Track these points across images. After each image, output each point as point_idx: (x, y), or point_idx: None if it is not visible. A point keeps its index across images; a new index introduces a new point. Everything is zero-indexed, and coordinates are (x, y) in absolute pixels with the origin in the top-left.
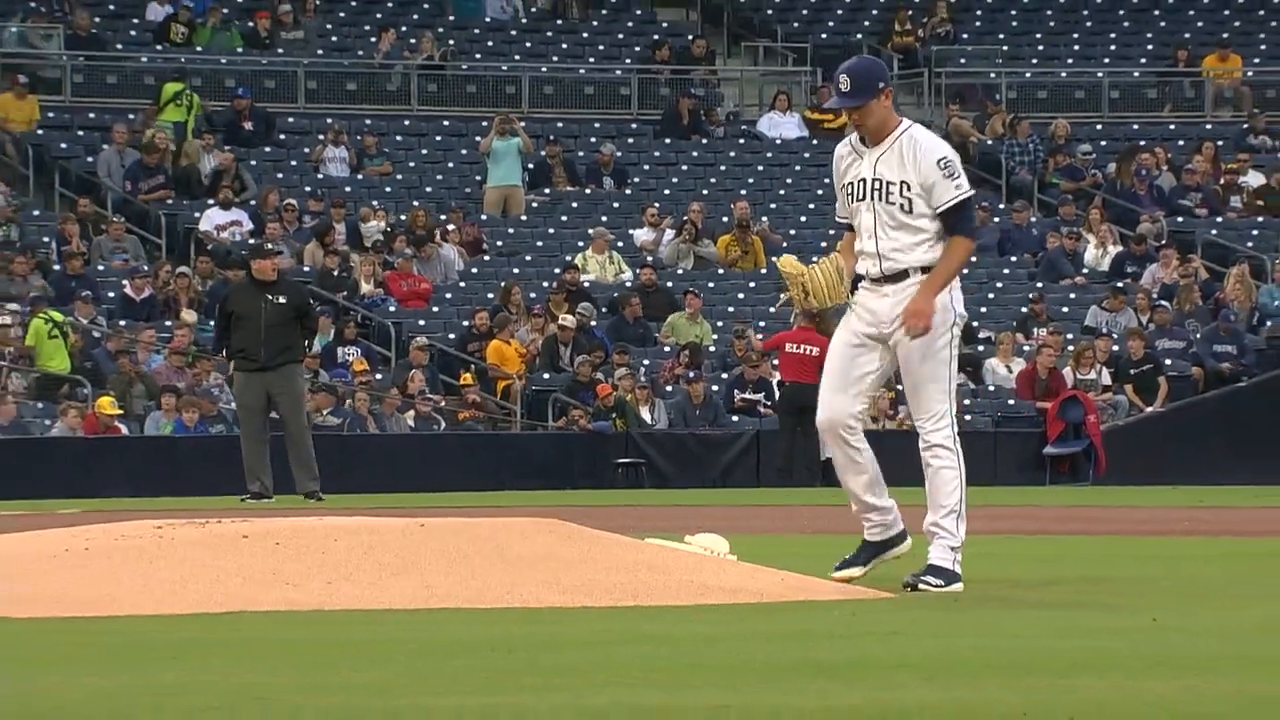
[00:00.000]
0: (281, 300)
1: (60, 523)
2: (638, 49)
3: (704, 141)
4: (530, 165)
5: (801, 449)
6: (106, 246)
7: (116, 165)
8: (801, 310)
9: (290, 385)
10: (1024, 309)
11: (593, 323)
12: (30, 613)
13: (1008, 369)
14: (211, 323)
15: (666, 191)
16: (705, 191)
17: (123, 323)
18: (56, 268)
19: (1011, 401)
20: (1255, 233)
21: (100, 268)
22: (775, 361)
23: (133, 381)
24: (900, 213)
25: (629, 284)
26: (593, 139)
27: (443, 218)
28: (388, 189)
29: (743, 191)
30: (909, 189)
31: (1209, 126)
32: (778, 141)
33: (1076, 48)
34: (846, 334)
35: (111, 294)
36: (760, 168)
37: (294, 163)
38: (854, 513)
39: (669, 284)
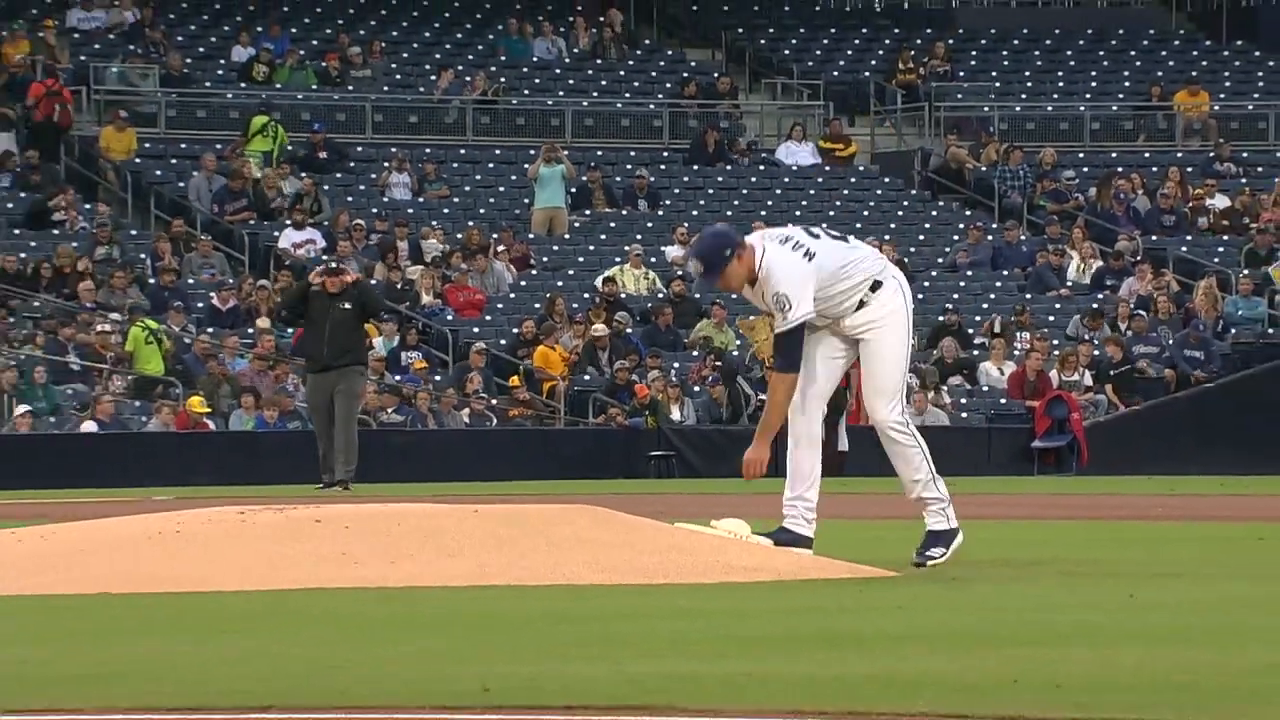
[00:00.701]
0: (346, 306)
1: (154, 508)
2: (668, 85)
3: (728, 168)
4: (573, 189)
5: (833, 445)
6: (195, 262)
7: (205, 190)
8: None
9: (349, 384)
10: (1013, 318)
11: (628, 330)
12: (129, 588)
13: (1000, 371)
14: (290, 330)
15: (694, 213)
16: (729, 213)
17: (209, 330)
18: (151, 281)
19: (1003, 400)
20: (1221, 250)
21: (190, 281)
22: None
23: (220, 382)
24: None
25: (661, 295)
26: (628, 166)
27: (494, 236)
28: (445, 210)
29: (762, 213)
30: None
31: (1179, 155)
32: (794, 168)
33: (1061, 84)
34: (825, 337)
35: (200, 304)
36: (778, 191)
37: (362, 187)
38: (786, 496)
39: (696, 295)
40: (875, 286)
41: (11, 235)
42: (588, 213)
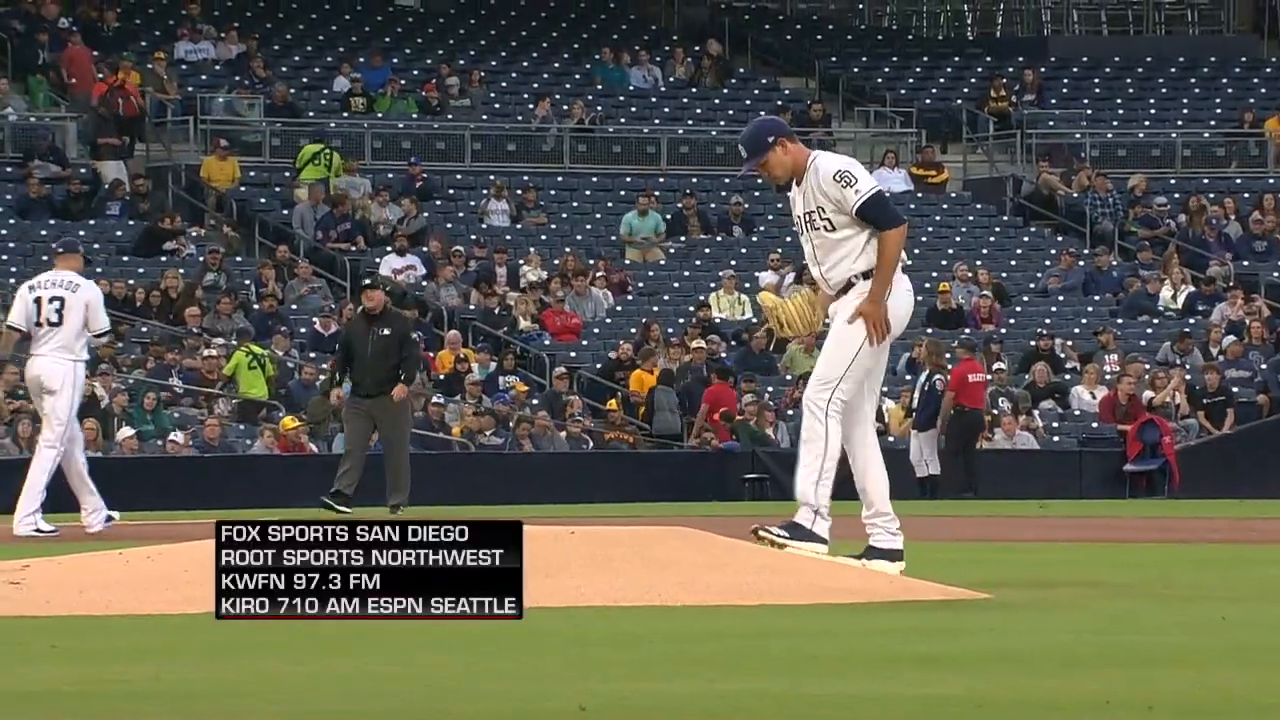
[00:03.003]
0: (385, 332)
1: None
2: (762, 113)
3: None
4: (668, 216)
5: (971, 465)
6: (296, 288)
7: (309, 217)
8: (779, 338)
9: (390, 410)
10: (1096, 336)
11: (723, 353)
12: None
13: (1092, 395)
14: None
15: (788, 239)
16: None
17: (313, 354)
18: (256, 307)
19: (1095, 424)
20: None
21: (294, 306)
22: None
23: (336, 410)
24: (827, 233)
25: (755, 320)
26: (723, 193)
27: (591, 262)
28: (543, 237)
29: None
30: (825, 211)
31: (1271, 180)
32: (886, 194)
33: (1153, 111)
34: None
35: (303, 329)
36: None
37: (461, 214)
38: (864, 515)
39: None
40: (868, 275)
41: (120, 262)
42: (683, 239)
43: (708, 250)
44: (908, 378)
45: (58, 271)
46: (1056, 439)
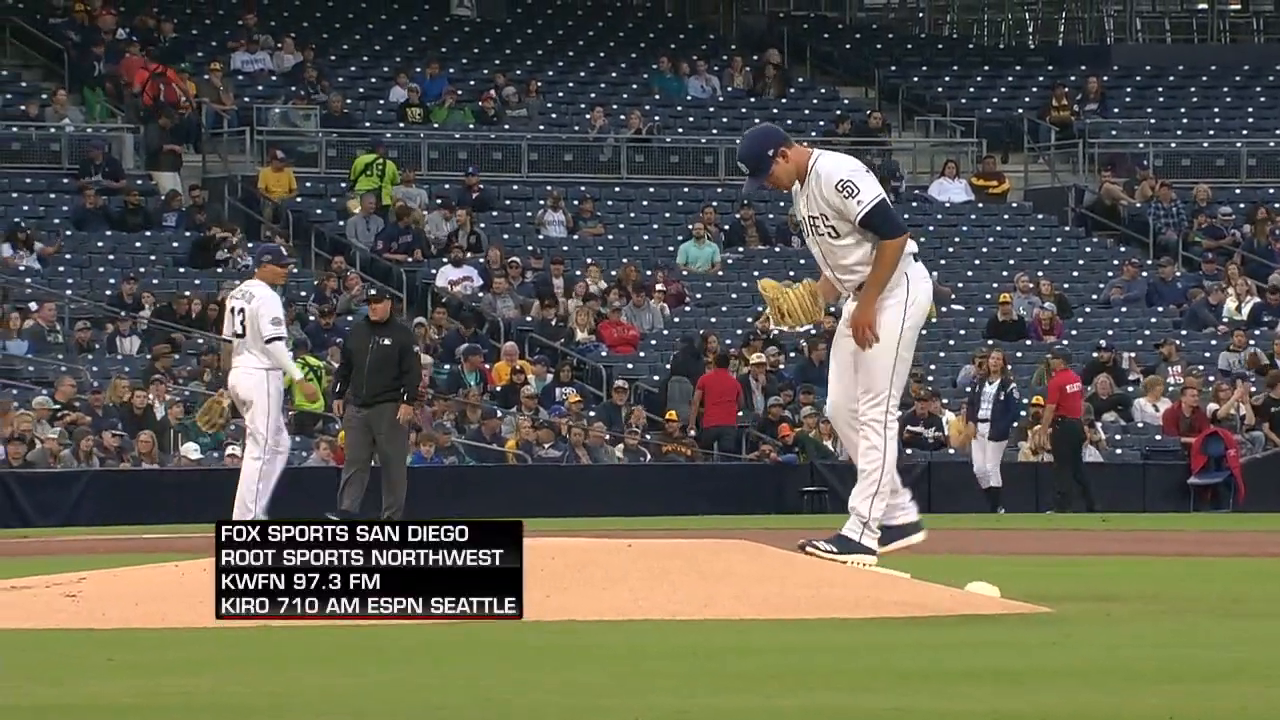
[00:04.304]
0: (386, 342)
1: None
2: (822, 123)
3: None
4: (725, 227)
5: (1080, 476)
6: (344, 299)
7: (363, 228)
8: (778, 328)
9: (385, 420)
10: (1158, 349)
11: (781, 365)
12: (289, 621)
13: (1155, 408)
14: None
15: None
16: None
17: None
18: (312, 319)
19: (1159, 437)
20: None
21: (349, 318)
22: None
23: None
24: (832, 240)
25: (814, 331)
26: (782, 203)
27: (649, 273)
28: (600, 248)
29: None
30: (828, 219)
31: None
32: (947, 205)
33: (1217, 120)
34: (839, 335)
35: None
36: (931, 228)
37: (518, 225)
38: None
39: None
40: None
41: (176, 273)
42: (740, 250)
43: (765, 261)
44: (967, 389)
45: (249, 281)
46: (1119, 451)
